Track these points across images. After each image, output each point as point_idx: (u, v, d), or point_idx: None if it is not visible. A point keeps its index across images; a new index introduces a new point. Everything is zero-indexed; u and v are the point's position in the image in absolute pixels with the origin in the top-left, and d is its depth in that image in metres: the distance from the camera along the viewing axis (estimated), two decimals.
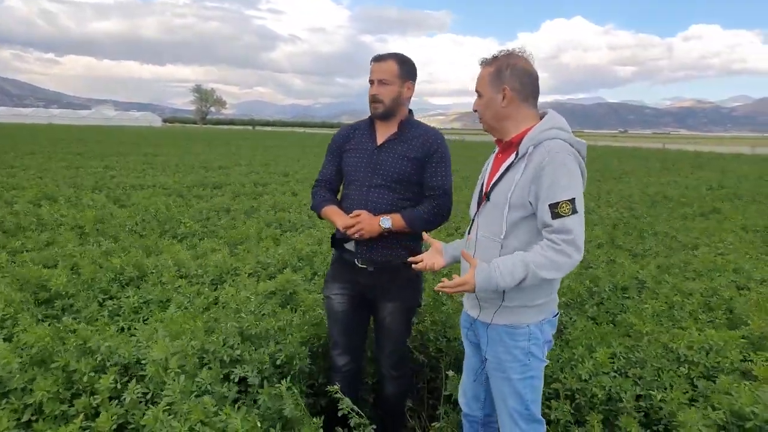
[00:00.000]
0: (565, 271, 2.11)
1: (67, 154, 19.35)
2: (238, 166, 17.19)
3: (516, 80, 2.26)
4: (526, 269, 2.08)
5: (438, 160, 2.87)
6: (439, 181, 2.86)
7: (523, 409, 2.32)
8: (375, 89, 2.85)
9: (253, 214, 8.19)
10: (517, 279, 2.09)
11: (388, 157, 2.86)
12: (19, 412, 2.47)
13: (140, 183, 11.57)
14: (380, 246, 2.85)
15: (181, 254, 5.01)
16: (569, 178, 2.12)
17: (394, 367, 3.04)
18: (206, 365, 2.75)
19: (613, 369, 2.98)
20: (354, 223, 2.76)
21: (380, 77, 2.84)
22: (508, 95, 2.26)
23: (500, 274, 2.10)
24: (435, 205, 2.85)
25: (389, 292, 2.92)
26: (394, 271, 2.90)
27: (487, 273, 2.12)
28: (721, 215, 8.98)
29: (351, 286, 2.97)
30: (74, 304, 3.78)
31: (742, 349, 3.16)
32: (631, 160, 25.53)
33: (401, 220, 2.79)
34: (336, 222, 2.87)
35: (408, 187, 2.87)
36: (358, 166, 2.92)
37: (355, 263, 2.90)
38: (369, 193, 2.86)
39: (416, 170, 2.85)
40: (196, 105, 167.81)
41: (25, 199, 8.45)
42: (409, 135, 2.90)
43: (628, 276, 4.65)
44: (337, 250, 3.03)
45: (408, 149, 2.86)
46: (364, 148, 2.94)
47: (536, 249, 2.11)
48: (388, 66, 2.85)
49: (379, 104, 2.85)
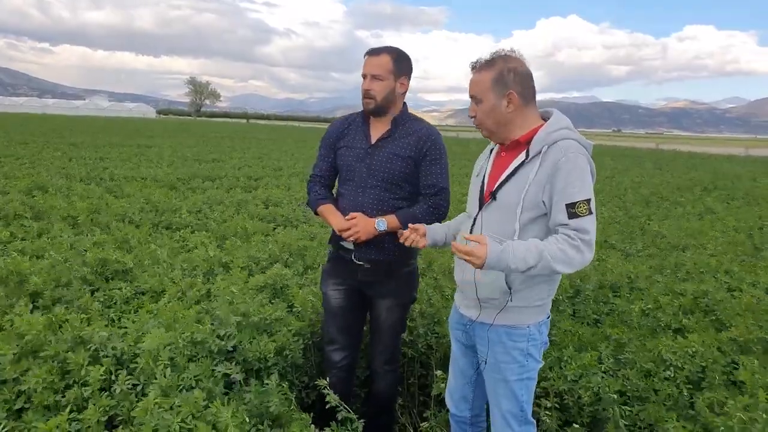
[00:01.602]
0: (575, 267, 2.08)
1: (60, 144, 19.21)
2: (232, 159, 17.13)
3: (519, 84, 2.23)
4: (540, 257, 2.04)
5: (433, 158, 2.83)
6: (434, 180, 2.83)
7: (518, 410, 2.32)
8: (367, 84, 2.80)
9: (246, 207, 8.15)
10: (528, 264, 2.04)
11: (381, 157, 2.83)
12: (11, 402, 2.46)
13: (133, 174, 11.51)
14: (377, 244, 2.84)
15: (170, 246, 5.00)
16: (584, 178, 2.12)
17: (387, 363, 3.05)
18: (197, 357, 2.74)
19: (601, 370, 2.99)
20: (349, 226, 2.75)
21: (373, 72, 2.79)
22: (514, 100, 2.22)
23: (513, 255, 2.04)
24: (431, 204, 2.83)
25: (385, 288, 2.92)
26: (391, 268, 2.90)
27: (499, 252, 2.05)
28: (714, 216, 9.01)
29: (348, 282, 2.96)
30: (65, 295, 3.76)
31: (729, 354, 3.17)
32: (625, 159, 25.57)
33: (396, 221, 2.77)
34: (331, 224, 2.86)
35: (403, 186, 2.84)
36: (352, 166, 2.89)
37: (353, 260, 2.89)
38: (364, 195, 2.84)
39: (410, 169, 2.83)
40: (191, 97, 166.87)
41: (17, 188, 8.40)
42: (402, 132, 2.86)
43: (618, 275, 4.66)
44: (334, 247, 3.02)
45: (400, 148, 2.82)
46: (358, 147, 2.90)
47: (551, 240, 2.08)
48: (382, 60, 2.79)
49: (371, 100, 2.81)
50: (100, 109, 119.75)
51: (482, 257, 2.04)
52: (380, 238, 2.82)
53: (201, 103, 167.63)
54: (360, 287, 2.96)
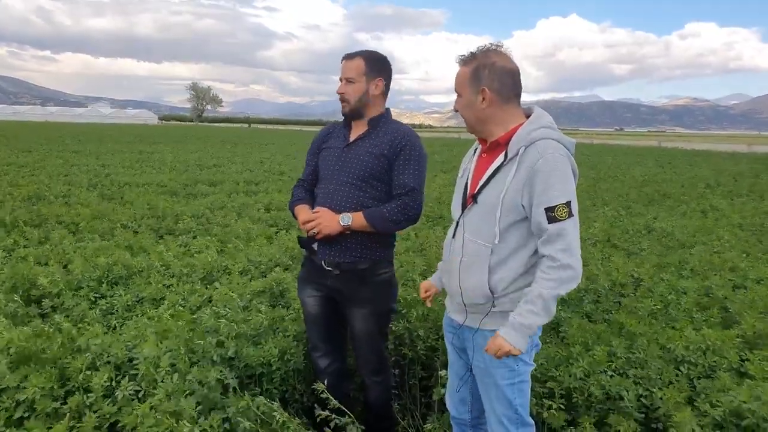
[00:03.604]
0: (575, 280, 2.07)
1: (62, 152, 19.26)
2: (234, 164, 17.13)
3: (495, 80, 2.17)
4: (540, 299, 2.04)
5: (406, 158, 2.79)
6: (405, 179, 2.77)
7: (513, 413, 2.28)
8: (341, 87, 2.83)
9: (247, 212, 8.15)
10: (538, 313, 2.05)
11: (355, 154, 2.81)
12: (11, 410, 2.45)
13: (135, 181, 11.52)
14: (344, 248, 2.79)
15: (172, 251, 4.99)
16: (564, 180, 2.06)
17: (373, 374, 2.99)
18: (197, 363, 2.72)
19: (611, 368, 2.96)
20: (313, 218, 2.73)
21: (346, 75, 2.80)
22: (488, 96, 2.18)
23: (525, 321, 2.05)
24: (400, 204, 2.74)
25: (357, 297, 2.84)
26: (362, 276, 2.82)
27: (514, 331, 2.07)
28: (718, 213, 8.97)
29: (322, 288, 2.91)
30: (64, 302, 3.76)
31: (739, 350, 3.15)
32: (627, 157, 25.50)
33: (362, 219, 2.71)
34: (298, 218, 2.84)
35: (374, 185, 2.80)
36: (328, 165, 2.89)
37: (322, 265, 2.83)
38: (336, 192, 2.80)
39: (384, 168, 2.79)
40: (192, 103, 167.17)
41: (19, 196, 8.41)
42: (379, 132, 2.84)
43: (623, 274, 4.63)
44: (306, 252, 2.96)
45: (374, 146, 2.80)
46: (336, 147, 2.90)
47: (539, 277, 2.06)
48: (355, 64, 2.81)
49: (345, 103, 2.82)
50: (102, 116, 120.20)
51: (507, 346, 2.07)
52: (344, 238, 2.76)
53: (203, 109, 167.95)
54: (332, 294, 2.90)
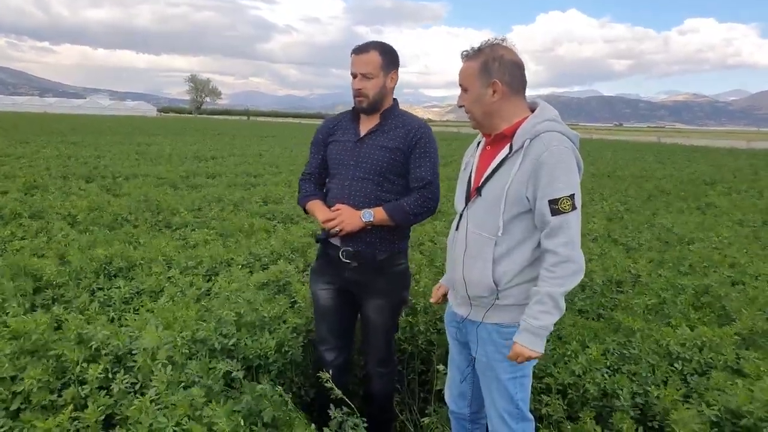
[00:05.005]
0: (580, 273, 2.08)
1: (60, 143, 19.20)
2: (232, 156, 17.11)
3: (506, 73, 2.18)
4: (549, 299, 2.04)
5: (422, 151, 2.78)
6: (423, 173, 2.77)
7: (513, 408, 2.28)
8: (358, 83, 2.76)
9: (246, 204, 8.13)
10: (550, 311, 2.05)
11: (369, 148, 2.79)
12: (8, 401, 2.44)
13: (133, 172, 11.48)
14: (364, 242, 2.78)
15: (172, 244, 4.98)
16: (568, 173, 2.07)
17: (381, 364, 2.99)
18: (196, 355, 2.71)
19: (606, 365, 2.96)
20: (334, 216, 2.71)
21: (363, 71, 2.74)
22: (499, 89, 2.18)
23: (541, 323, 2.06)
24: (419, 197, 2.76)
25: (374, 288, 2.85)
26: (379, 268, 2.83)
27: (532, 335, 2.07)
28: (717, 209, 8.97)
29: (336, 280, 2.90)
30: (65, 294, 3.74)
31: (736, 347, 3.15)
32: (626, 153, 25.50)
33: (383, 213, 2.71)
34: (317, 217, 2.82)
35: (391, 179, 2.79)
36: (340, 159, 2.85)
37: (340, 258, 2.83)
38: (351, 187, 2.78)
39: (399, 161, 2.78)
40: (192, 95, 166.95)
41: (15, 187, 8.38)
42: (391, 125, 2.82)
43: (621, 270, 4.63)
44: (322, 245, 2.96)
45: (388, 140, 2.78)
46: (346, 140, 2.87)
47: (544, 276, 2.07)
48: (371, 58, 2.75)
49: (363, 98, 2.77)
50: (101, 107, 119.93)
51: (527, 352, 2.08)
52: (368, 236, 2.76)
53: (202, 101, 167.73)
54: (348, 286, 2.90)
